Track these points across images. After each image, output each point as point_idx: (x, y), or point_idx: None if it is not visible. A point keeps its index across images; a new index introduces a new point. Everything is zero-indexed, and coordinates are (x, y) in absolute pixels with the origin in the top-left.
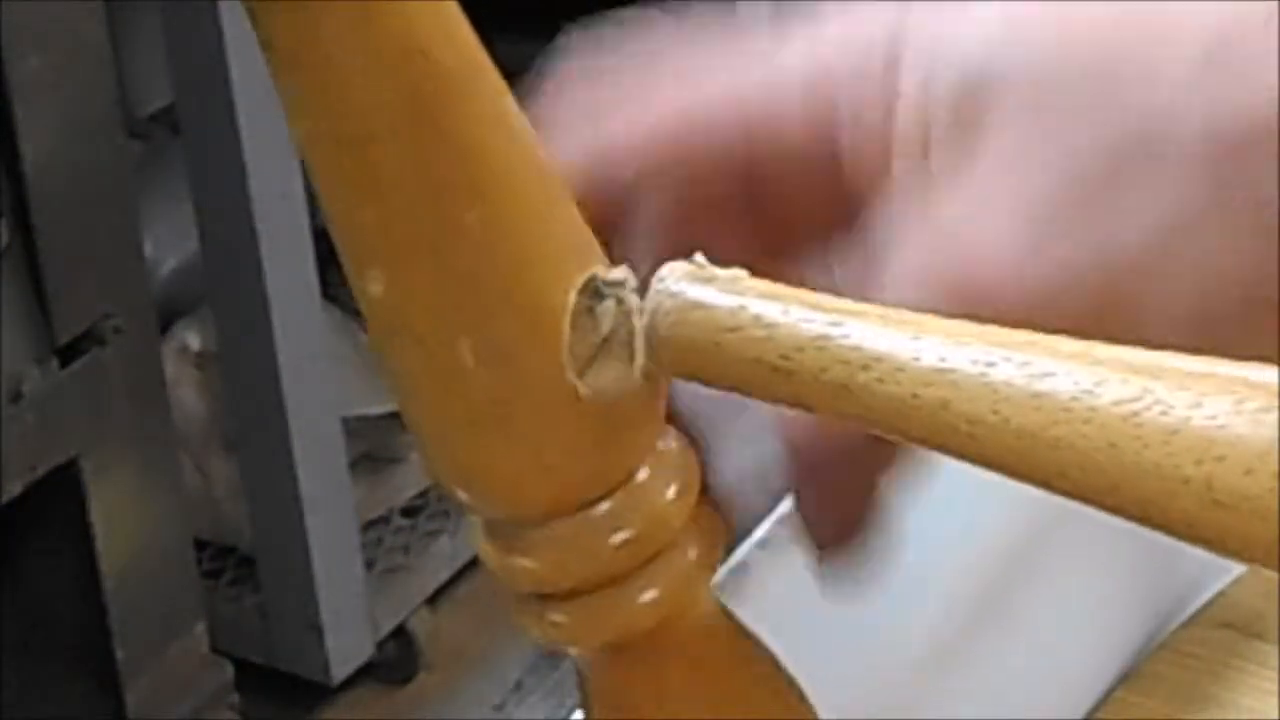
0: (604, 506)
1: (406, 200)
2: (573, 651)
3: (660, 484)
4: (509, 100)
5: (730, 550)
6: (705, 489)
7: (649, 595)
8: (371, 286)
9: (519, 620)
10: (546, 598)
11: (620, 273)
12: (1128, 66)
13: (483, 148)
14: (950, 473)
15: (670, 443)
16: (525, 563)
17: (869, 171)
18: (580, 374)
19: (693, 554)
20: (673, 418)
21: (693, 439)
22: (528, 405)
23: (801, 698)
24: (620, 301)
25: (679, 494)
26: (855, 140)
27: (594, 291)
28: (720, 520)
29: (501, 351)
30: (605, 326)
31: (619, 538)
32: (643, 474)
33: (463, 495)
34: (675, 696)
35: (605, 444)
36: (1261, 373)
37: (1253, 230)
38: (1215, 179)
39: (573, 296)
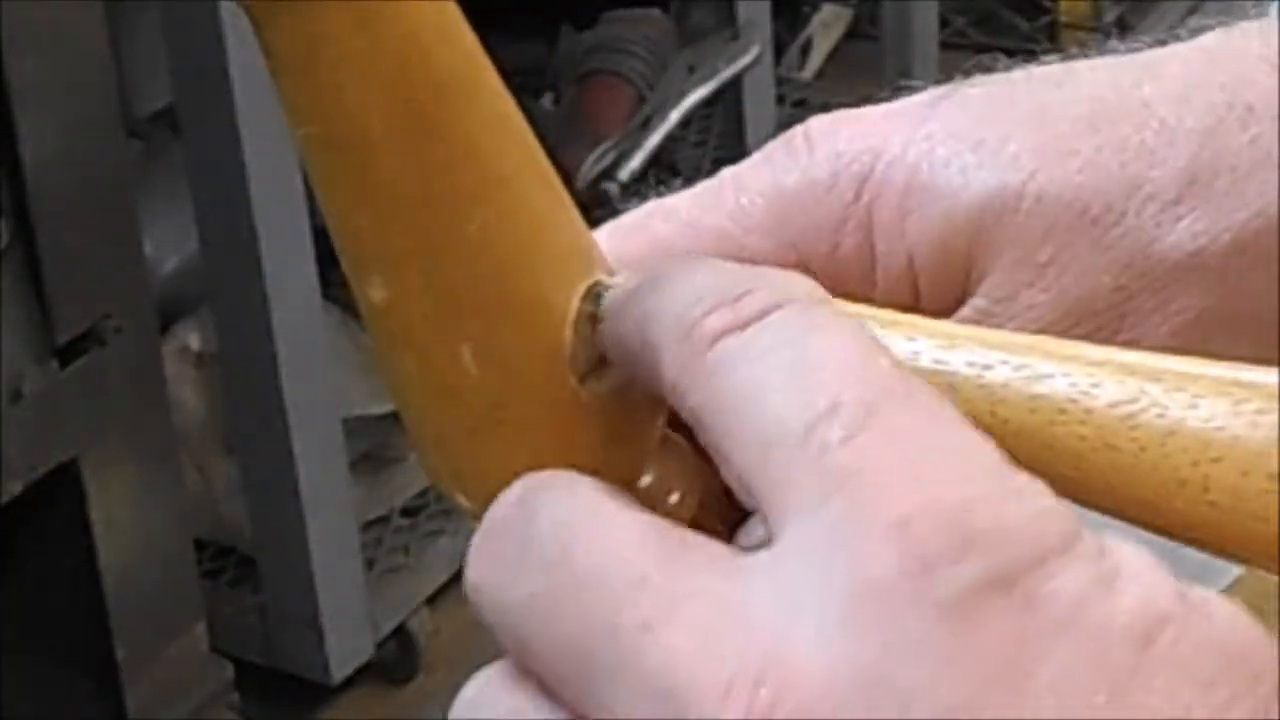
0: None
1: (407, 205)
2: None
3: (663, 490)
4: (510, 104)
5: None
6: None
7: None
8: (372, 292)
9: None
10: None
11: (622, 279)
12: (1113, 189)
13: (484, 152)
14: None
15: (674, 449)
16: None
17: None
18: (582, 380)
19: None
20: (678, 423)
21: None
22: (529, 411)
23: None
24: None
25: (682, 500)
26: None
27: (596, 297)
28: (724, 526)
29: (503, 358)
30: None
31: None
32: (646, 480)
33: (464, 501)
34: None
35: (607, 451)
36: (1257, 374)
37: (1257, 327)
38: (1210, 290)
39: (575, 303)
